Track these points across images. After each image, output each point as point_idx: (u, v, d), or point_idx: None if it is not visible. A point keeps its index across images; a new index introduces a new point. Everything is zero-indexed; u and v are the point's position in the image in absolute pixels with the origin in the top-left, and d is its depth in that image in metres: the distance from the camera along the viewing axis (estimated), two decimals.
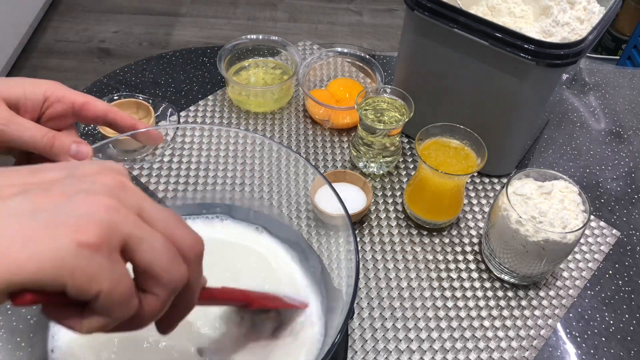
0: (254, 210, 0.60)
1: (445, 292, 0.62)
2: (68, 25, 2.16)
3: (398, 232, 0.68)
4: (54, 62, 2.00)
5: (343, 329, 0.40)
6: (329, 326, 0.48)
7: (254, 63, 0.85)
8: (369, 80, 0.85)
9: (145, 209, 0.27)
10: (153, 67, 0.88)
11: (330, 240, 0.55)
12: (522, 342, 0.58)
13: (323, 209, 0.57)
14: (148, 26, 2.17)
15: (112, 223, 0.24)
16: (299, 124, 0.81)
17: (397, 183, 0.73)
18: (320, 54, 0.84)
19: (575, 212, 0.57)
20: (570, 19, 0.65)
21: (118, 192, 0.26)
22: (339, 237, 0.51)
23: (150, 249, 0.25)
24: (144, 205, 0.27)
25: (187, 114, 0.81)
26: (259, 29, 2.19)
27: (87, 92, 0.83)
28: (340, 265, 0.50)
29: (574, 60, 0.60)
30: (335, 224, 0.54)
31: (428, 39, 0.67)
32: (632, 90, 0.91)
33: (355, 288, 0.42)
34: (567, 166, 0.78)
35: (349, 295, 0.43)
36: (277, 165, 0.61)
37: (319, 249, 0.55)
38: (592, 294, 0.64)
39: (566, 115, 0.86)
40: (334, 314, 0.47)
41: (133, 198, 0.27)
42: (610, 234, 0.69)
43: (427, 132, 0.64)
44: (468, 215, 0.70)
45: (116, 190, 0.26)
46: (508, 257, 0.60)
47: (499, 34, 0.60)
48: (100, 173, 0.27)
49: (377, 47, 2.15)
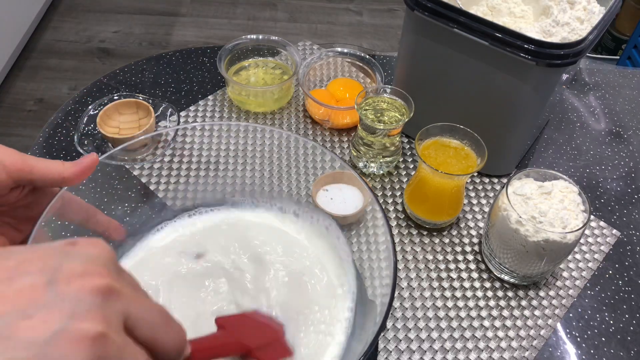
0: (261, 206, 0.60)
1: (445, 292, 0.62)
2: (68, 25, 2.16)
3: (398, 232, 0.68)
4: (54, 62, 2.00)
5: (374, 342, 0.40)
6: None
7: (254, 63, 0.85)
8: (369, 80, 0.85)
9: (132, 314, 0.26)
10: (153, 67, 0.88)
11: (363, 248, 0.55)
12: (522, 342, 0.58)
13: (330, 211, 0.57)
14: (148, 26, 2.17)
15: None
16: (299, 124, 0.81)
17: (397, 183, 0.73)
18: (320, 54, 0.84)
19: (575, 212, 0.57)
20: (570, 19, 0.65)
21: (104, 306, 0.25)
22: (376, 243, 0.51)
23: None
24: (130, 310, 0.26)
25: (187, 114, 0.81)
26: (259, 29, 2.19)
27: (87, 92, 0.83)
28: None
29: (574, 60, 0.60)
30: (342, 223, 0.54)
31: (428, 39, 0.67)
32: (632, 90, 0.91)
33: (391, 303, 0.43)
34: (567, 166, 0.78)
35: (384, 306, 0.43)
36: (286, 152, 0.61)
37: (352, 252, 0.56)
38: (592, 294, 0.64)
39: (566, 115, 0.86)
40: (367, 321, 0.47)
41: (120, 305, 0.26)
42: (610, 234, 0.69)
43: (427, 132, 0.64)
44: (468, 215, 0.70)
45: (102, 304, 0.25)
46: (508, 257, 0.60)
47: (499, 34, 0.60)
48: (86, 275, 0.25)
49: (377, 47, 2.15)
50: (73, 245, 0.26)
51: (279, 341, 0.45)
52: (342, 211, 0.60)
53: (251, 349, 0.40)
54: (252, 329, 0.43)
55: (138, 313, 0.26)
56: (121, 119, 0.76)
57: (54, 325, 0.23)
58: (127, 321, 0.26)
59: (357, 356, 0.41)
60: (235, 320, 0.43)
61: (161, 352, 0.27)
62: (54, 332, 0.23)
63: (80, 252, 0.26)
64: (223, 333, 0.40)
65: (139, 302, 0.27)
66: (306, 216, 0.58)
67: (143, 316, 0.26)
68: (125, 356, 0.25)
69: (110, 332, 0.24)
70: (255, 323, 0.43)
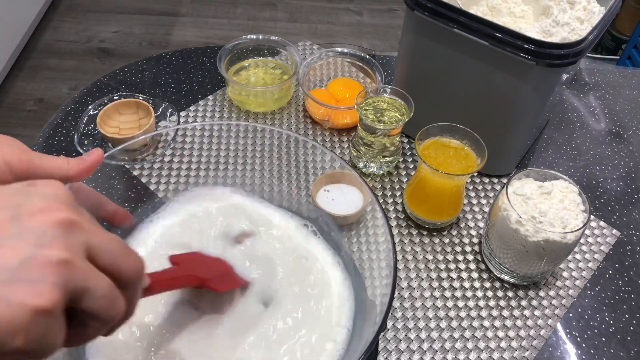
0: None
1: (445, 292, 0.62)
2: (68, 25, 2.16)
3: (398, 232, 0.68)
4: (54, 62, 1.99)
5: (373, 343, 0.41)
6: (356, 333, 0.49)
7: (254, 63, 0.85)
8: (369, 80, 0.85)
9: (93, 245, 0.28)
10: (153, 67, 0.88)
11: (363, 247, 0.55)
12: (522, 342, 0.58)
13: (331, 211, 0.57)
14: (148, 26, 2.17)
15: (64, 284, 0.26)
16: (299, 124, 0.81)
17: (397, 183, 0.73)
18: (320, 54, 0.84)
19: (575, 212, 0.57)
20: (570, 19, 0.65)
21: (67, 236, 0.27)
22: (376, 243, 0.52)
23: (93, 298, 0.27)
24: (91, 240, 0.28)
25: (187, 114, 0.81)
26: (259, 29, 2.19)
27: (87, 92, 0.83)
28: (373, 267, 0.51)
29: (574, 60, 0.60)
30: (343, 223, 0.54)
31: (428, 39, 0.67)
32: (632, 90, 0.91)
33: (390, 304, 0.43)
34: (567, 166, 0.78)
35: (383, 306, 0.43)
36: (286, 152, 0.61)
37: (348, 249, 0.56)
38: (592, 294, 0.64)
39: (566, 115, 0.86)
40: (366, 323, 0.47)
41: (81, 236, 0.28)
42: (610, 234, 0.69)
43: (427, 132, 0.64)
44: (468, 215, 0.70)
45: (65, 235, 0.27)
46: (508, 257, 0.60)
47: (499, 34, 0.60)
48: (47, 211, 0.27)
49: (377, 47, 2.15)
50: (32, 185, 0.29)
51: (229, 273, 0.49)
52: (343, 211, 0.60)
53: (204, 279, 0.45)
54: (203, 263, 0.48)
55: (99, 243, 0.28)
56: (121, 119, 0.75)
57: (22, 253, 0.25)
58: (90, 251, 0.28)
59: (357, 356, 0.41)
60: (188, 257, 0.47)
61: (123, 278, 0.29)
62: (24, 259, 0.25)
63: (40, 191, 0.28)
64: (178, 267, 0.43)
65: (98, 234, 0.29)
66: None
67: (103, 246, 0.29)
68: (89, 280, 0.27)
69: (74, 259, 0.26)
70: (205, 259, 0.48)
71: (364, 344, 0.42)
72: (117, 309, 0.29)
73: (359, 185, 0.63)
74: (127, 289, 0.30)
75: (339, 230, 0.57)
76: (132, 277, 0.30)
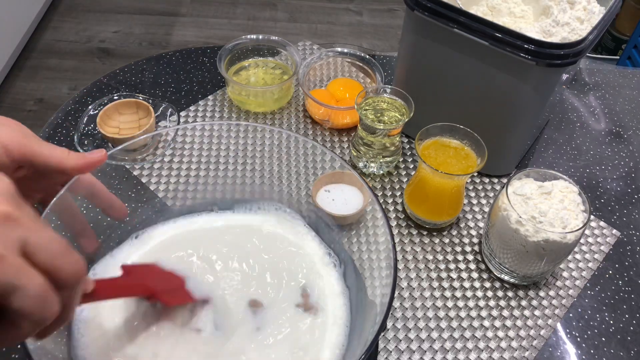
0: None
1: (445, 292, 0.62)
2: (68, 25, 2.16)
3: (398, 232, 0.68)
4: (54, 62, 1.99)
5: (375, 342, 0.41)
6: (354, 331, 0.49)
7: (254, 63, 0.85)
8: (369, 80, 0.85)
9: (29, 241, 0.28)
10: (153, 67, 0.88)
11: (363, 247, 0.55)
12: (522, 342, 0.58)
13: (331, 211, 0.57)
14: (148, 26, 2.17)
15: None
16: (299, 124, 0.81)
17: (397, 183, 0.73)
18: (320, 54, 0.84)
19: (575, 212, 0.57)
20: (570, 19, 0.65)
21: (2, 230, 0.26)
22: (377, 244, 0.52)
23: (23, 297, 0.26)
24: (28, 236, 0.28)
25: (187, 114, 0.81)
26: (259, 29, 2.19)
27: (87, 92, 0.83)
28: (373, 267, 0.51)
29: (574, 60, 0.60)
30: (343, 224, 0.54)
31: (428, 39, 0.67)
32: (632, 90, 0.91)
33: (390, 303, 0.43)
34: (567, 166, 0.78)
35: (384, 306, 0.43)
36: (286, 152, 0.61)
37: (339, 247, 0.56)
38: (592, 294, 0.64)
39: (566, 115, 0.86)
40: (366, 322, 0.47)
41: (18, 231, 0.27)
42: (610, 234, 0.69)
43: (427, 132, 0.64)
44: (468, 215, 0.70)
45: (1, 228, 0.26)
46: (508, 257, 0.60)
47: (499, 34, 0.60)
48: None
49: (377, 47, 2.15)
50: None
51: (181, 288, 0.48)
52: (343, 211, 0.60)
53: (155, 291, 0.44)
54: (155, 275, 0.46)
55: (36, 240, 0.28)
56: (121, 119, 0.75)
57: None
58: (26, 247, 0.27)
59: (357, 356, 0.41)
60: (140, 268, 0.46)
61: (59, 278, 0.29)
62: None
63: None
64: (128, 277, 0.42)
65: (38, 231, 0.28)
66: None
67: (41, 244, 0.28)
68: (21, 276, 0.26)
69: (7, 254, 0.26)
70: (158, 271, 0.47)
71: (364, 344, 0.42)
72: (49, 309, 0.28)
73: (359, 185, 0.63)
74: (64, 291, 0.29)
75: (339, 230, 0.57)
76: (69, 279, 0.29)
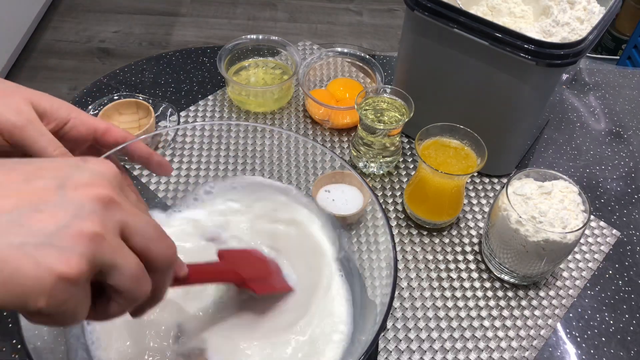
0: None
1: (445, 292, 0.62)
2: (68, 25, 2.16)
3: (398, 232, 0.68)
4: (54, 62, 1.99)
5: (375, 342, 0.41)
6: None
7: (254, 63, 0.85)
8: (369, 80, 0.85)
9: (128, 224, 0.29)
10: (153, 67, 0.88)
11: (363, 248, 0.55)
12: (522, 342, 0.58)
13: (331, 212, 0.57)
14: (148, 26, 2.17)
15: (92, 256, 0.27)
16: (299, 124, 0.81)
17: (397, 183, 0.73)
18: (320, 54, 0.84)
19: (575, 212, 0.57)
20: (570, 19, 0.65)
21: (104, 212, 0.28)
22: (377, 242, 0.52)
23: (119, 275, 0.28)
24: (127, 220, 0.29)
25: (187, 114, 0.81)
26: (259, 29, 2.19)
27: (87, 92, 0.83)
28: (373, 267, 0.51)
29: (574, 60, 0.60)
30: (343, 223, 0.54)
31: (428, 39, 0.67)
32: (632, 90, 0.91)
33: (390, 303, 0.43)
34: (567, 166, 0.78)
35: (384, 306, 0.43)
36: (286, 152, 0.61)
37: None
38: (592, 294, 0.64)
39: (566, 115, 0.86)
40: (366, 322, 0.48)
41: (118, 214, 0.29)
42: (610, 234, 0.69)
43: (427, 132, 0.64)
44: (468, 215, 0.70)
45: (102, 210, 0.28)
46: (508, 257, 0.60)
47: (499, 34, 0.60)
48: (91, 186, 0.28)
49: (377, 47, 2.15)
50: (85, 161, 0.30)
51: (272, 277, 0.49)
52: (343, 211, 0.60)
53: (244, 279, 0.44)
54: (248, 262, 0.47)
55: (134, 224, 0.30)
56: (121, 119, 0.76)
57: (60, 221, 0.26)
58: (124, 230, 0.29)
59: (357, 356, 0.41)
60: (235, 253, 0.47)
61: (153, 261, 0.31)
62: (59, 227, 0.26)
63: (90, 167, 0.30)
64: (221, 262, 0.43)
65: (136, 215, 0.30)
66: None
67: (138, 228, 0.30)
68: (118, 257, 0.28)
69: (106, 234, 0.28)
70: (253, 258, 0.48)
71: (364, 344, 0.42)
72: (142, 289, 0.30)
73: (359, 185, 0.63)
74: (156, 273, 0.31)
75: (339, 230, 0.57)
76: (162, 262, 0.31)
